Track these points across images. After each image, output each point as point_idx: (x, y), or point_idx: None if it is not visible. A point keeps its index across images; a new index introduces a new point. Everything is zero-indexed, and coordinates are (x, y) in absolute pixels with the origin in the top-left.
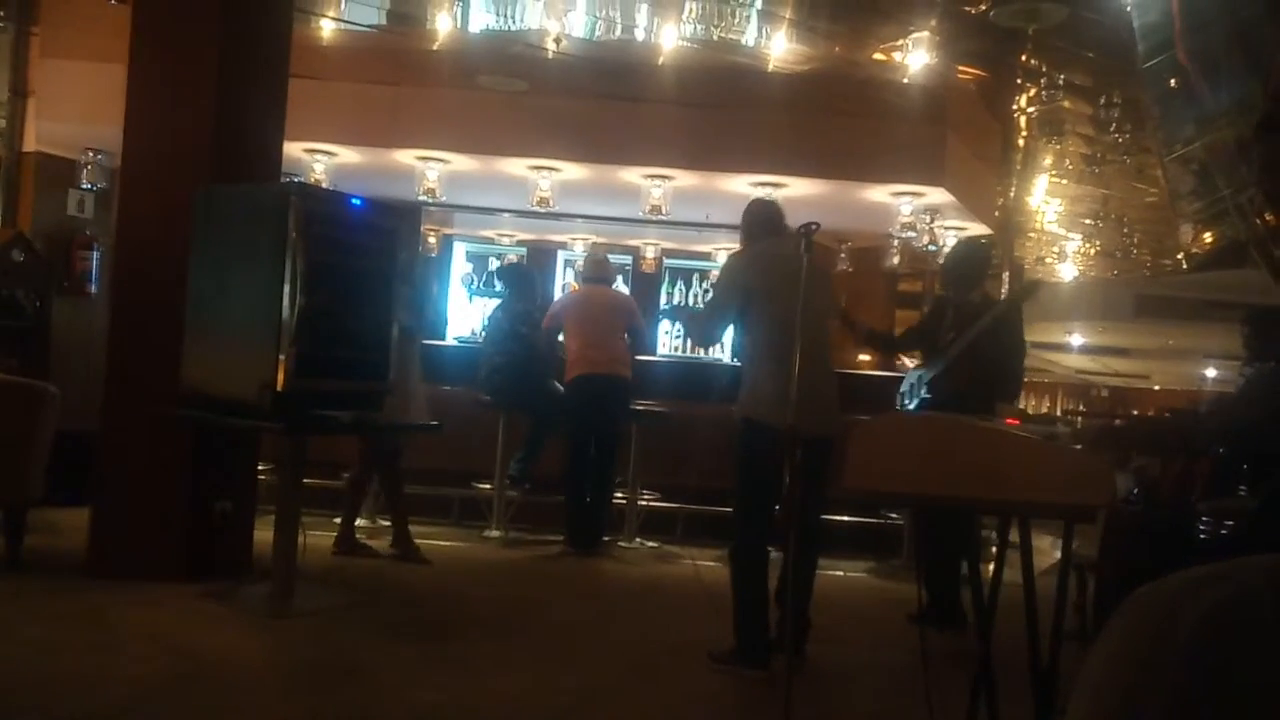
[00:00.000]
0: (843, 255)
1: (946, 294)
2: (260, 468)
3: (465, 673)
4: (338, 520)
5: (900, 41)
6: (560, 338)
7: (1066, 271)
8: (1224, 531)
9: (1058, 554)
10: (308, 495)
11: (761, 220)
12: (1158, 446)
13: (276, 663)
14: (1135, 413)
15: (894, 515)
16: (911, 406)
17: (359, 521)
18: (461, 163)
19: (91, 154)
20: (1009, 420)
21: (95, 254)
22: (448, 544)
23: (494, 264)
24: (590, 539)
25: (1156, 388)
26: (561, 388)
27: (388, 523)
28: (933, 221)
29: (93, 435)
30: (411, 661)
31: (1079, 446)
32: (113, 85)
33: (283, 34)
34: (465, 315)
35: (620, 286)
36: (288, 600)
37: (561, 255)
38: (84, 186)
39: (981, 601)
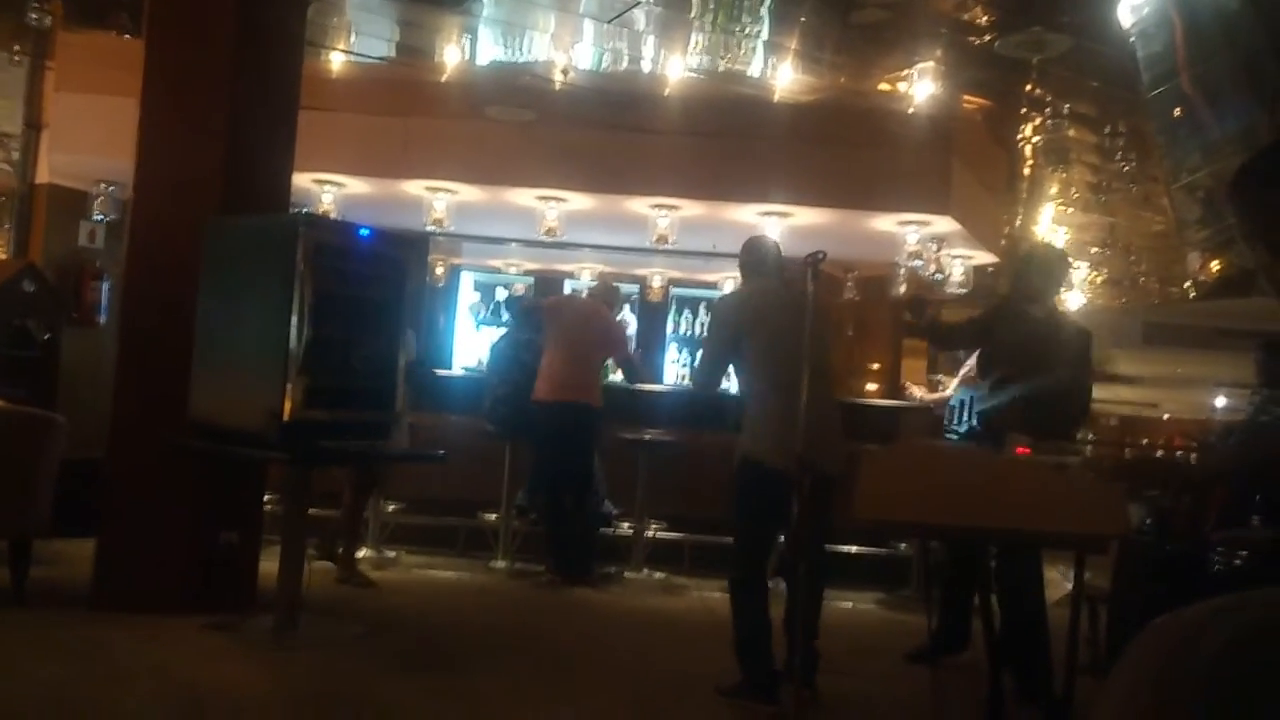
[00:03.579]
0: (850, 284)
1: (1011, 300)
2: (265, 498)
3: (472, 705)
4: (340, 550)
5: (905, 72)
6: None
7: (1073, 300)
8: (1238, 562)
9: (1068, 585)
10: (312, 525)
11: (756, 259)
12: (1170, 481)
13: (281, 695)
14: (1145, 441)
15: (903, 546)
16: (962, 430)
17: (363, 553)
18: (469, 193)
19: (103, 186)
20: (1019, 449)
21: (105, 285)
22: (453, 574)
23: (501, 293)
24: (578, 567)
25: (1166, 416)
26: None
27: (393, 554)
28: (939, 250)
29: (100, 465)
30: (417, 694)
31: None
32: (125, 118)
33: (293, 67)
34: (472, 345)
35: (628, 315)
36: (292, 632)
37: (569, 285)
38: (95, 218)
39: (994, 635)
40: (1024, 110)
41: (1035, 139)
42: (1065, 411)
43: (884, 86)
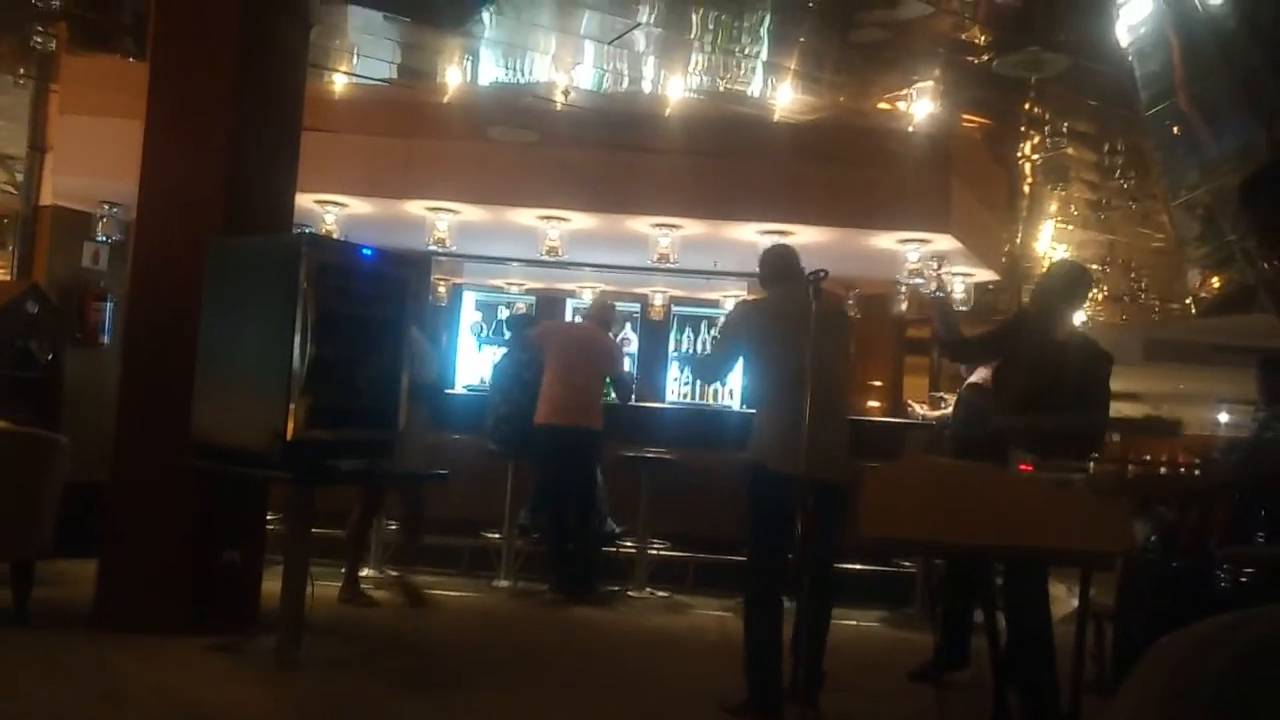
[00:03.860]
0: (851, 302)
1: (1031, 314)
2: (268, 517)
3: None
4: (344, 570)
5: (904, 91)
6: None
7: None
8: (1243, 579)
9: (1074, 602)
10: (316, 545)
11: (776, 267)
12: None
13: (284, 716)
14: (1148, 457)
15: (907, 563)
16: (971, 433)
17: (365, 572)
18: (471, 213)
19: (107, 207)
20: (1023, 466)
21: (108, 305)
22: (456, 594)
23: (504, 313)
24: (580, 585)
25: None
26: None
27: (396, 573)
28: (940, 268)
29: (103, 486)
30: (419, 714)
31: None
32: (129, 140)
33: (296, 88)
34: (474, 364)
35: (629, 334)
36: (295, 652)
37: (571, 303)
38: (99, 239)
39: (999, 653)
40: (1023, 129)
41: (1034, 157)
42: (1081, 435)
43: (883, 106)
